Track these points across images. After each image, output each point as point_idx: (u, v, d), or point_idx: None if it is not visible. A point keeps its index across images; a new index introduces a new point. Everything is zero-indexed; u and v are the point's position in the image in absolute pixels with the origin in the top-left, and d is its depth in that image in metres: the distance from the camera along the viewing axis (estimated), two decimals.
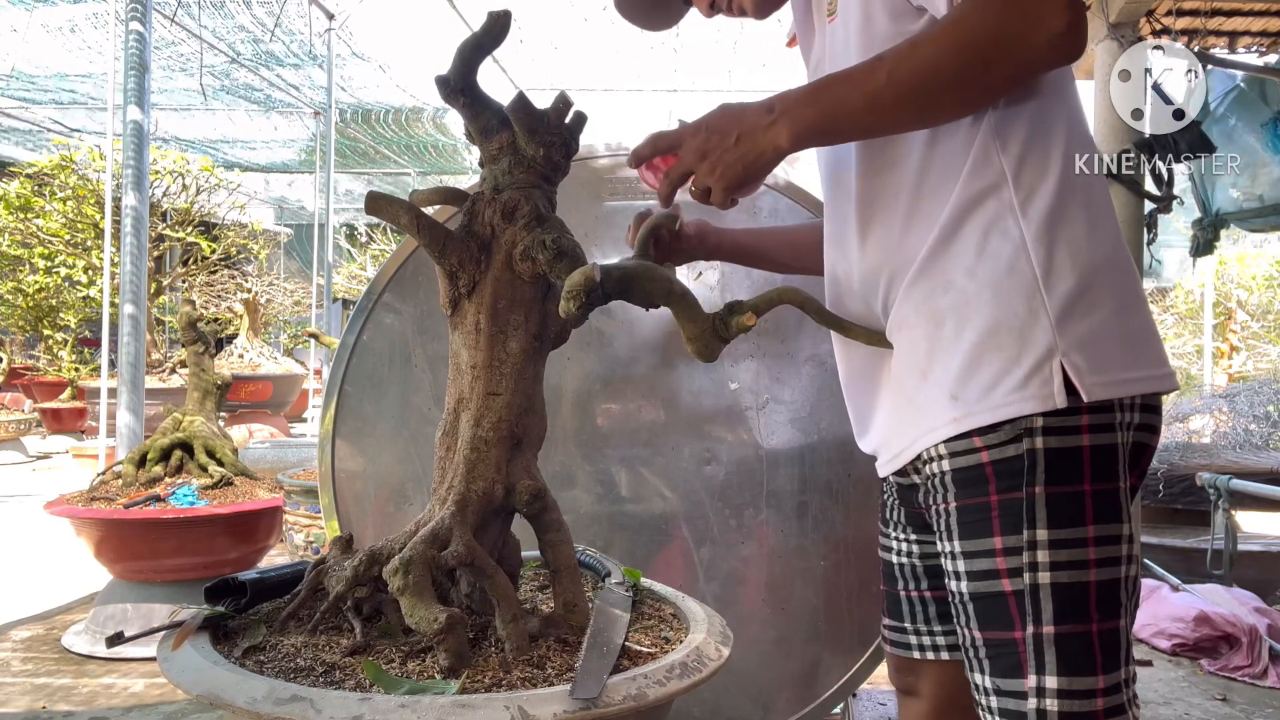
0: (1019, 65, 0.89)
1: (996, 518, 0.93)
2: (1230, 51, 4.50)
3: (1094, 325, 0.91)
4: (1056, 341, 0.90)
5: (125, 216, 3.72)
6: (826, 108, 0.95)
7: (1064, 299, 0.91)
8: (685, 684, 0.93)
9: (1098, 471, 0.91)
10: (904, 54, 0.90)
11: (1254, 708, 2.62)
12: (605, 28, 6.97)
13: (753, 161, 0.98)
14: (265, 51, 7.47)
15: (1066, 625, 0.90)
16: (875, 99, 0.92)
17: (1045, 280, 0.91)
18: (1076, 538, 0.90)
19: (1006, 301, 0.92)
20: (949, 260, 0.95)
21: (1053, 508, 0.90)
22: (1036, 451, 0.90)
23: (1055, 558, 0.90)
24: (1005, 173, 0.94)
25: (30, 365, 9.35)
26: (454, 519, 1.02)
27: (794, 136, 0.96)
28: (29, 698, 2.53)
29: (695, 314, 0.98)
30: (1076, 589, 0.90)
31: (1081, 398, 0.89)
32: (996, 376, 0.92)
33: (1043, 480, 0.90)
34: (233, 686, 0.87)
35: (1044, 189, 0.93)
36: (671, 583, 1.30)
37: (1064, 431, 0.90)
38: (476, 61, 1.06)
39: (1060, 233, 0.92)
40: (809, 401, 1.84)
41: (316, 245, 8.71)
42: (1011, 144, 0.95)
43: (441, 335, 1.88)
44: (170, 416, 3.29)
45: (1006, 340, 0.92)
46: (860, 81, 0.93)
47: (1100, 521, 0.90)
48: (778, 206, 1.87)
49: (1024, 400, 0.90)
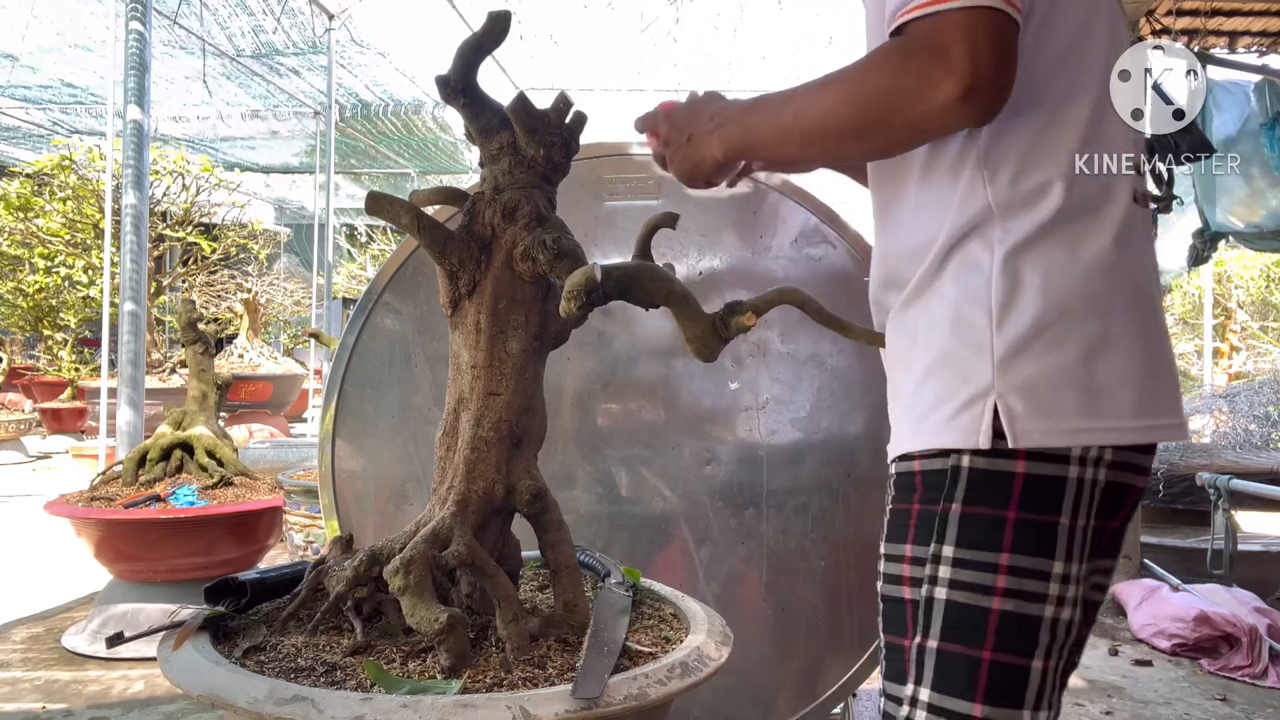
0: (914, 125, 0.85)
1: (913, 525, 0.92)
2: (1230, 51, 4.51)
3: (1046, 368, 0.86)
4: (994, 381, 0.86)
5: (125, 216, 3.72)
6: (747, 131, 0.95)
7: (1015, 338, 0.87)
8: (685, 684, 0.93)
9: (1030, 501, 0.86)
10: (812, 94, 0.89)
11: (1254, 708, 2.62)
12: (605, 28, 6.97)
13: (695, 165, 1.01)
14: (266, 43, 7.46)
15: (952, 644, 0.87)
16: (785, 134, 0.92)
17: (1000, 316, 0.87)
18: (984, 561, 0.86)
19: (958, 332, 0.90)
20: (931, 276, 0.93)
21: (965, 526, 0.87)
22: (960, 469, 0.88)
23: (956, 576, 0.87)
24: (990, 202, 0.90)
25: (30, 365, 9.35)
26: (454, 519, 1.02)
27: (724, 152, 0.97)
28: (29, 697, 2.53)
29: (695, 314, 0.98)
30: (971, 612, 0.86)
31: (1008, 442, 0.85)
32: (933, 405, 0.90)
33: (961, 497, 0.88)
34: (233, 686, 0.87)
35: (1026, 220, 0.89)
36: (671, 583, 1.30)
37: (996, 454, 0.87)
38: (476, 62, 1.06)
39: (1031, 267, 0.88)
40: (809, 401, 1.84)
41: (316, 245, 8.71)
42: (1001, 172, 0.91)
43: (441, 335, 1.88)
44: (170, 416, 3.29)
45: (948, 371, 0.90)
46: (774, 113, 0.93)
47: (1020, 551, 0.86)
48: (777, 206, 1.87)
49: (950, 433, 0.88)
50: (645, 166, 1.90)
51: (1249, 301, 11.42)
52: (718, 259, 1.88)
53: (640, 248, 1.15)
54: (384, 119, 9.62)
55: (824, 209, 1.85)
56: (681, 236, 1.85)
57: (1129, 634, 3.22)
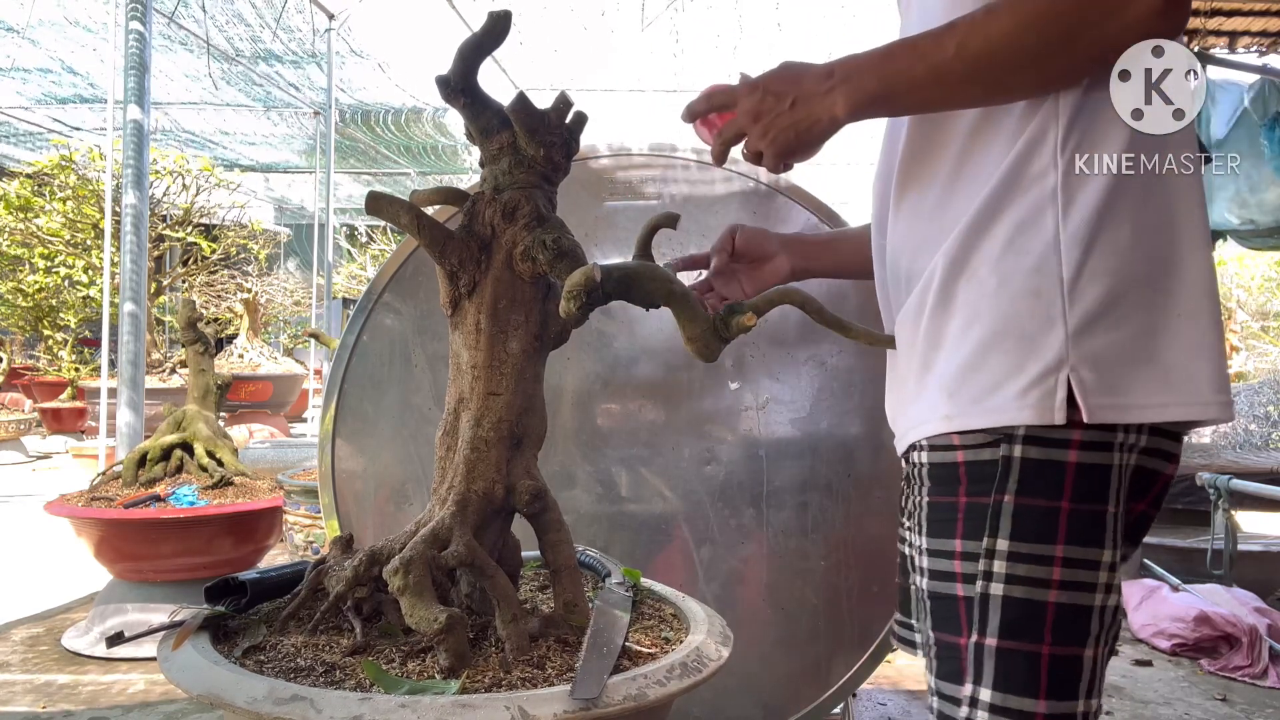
0: (1109, 41, 0.78)
1: (961, 519, 0.88)
2: (1230, 51, 4.51)
3: (1114, 342, 0.83)
4: (1068, 353, 0.83)
5: (125, 216, 3.72)
6: (888, 77, 0.87)
7: (1088, 309, 0.83)
8: (685, 684, 0.93)
9: (1081, 490, 0.84)
10: (977, 23, 0.81)
11: (1254, 708, 2.62)
12: (605, 28, 6.97)
13: (807, 129, 0.92)
14: (266, 51, 7.46)
15: (1012, 641, 0.84)
16: (942, 72, 0.83)
17: (1071, 286, 0.83)
18: (1040, 554, 0.84)
19: (1024, 303, 0.84)
20: (978, 248, 0.87)
21: (1019, 519, 0.84)
22: (1013, 459, 0.85)
23: (1012, 570, 0.84)
24: (1057, 159, 0.84)
25: (30, 365, 9.35)
26: (454, 519, 1.02)
27: (851, 105, 0.89)
28: (29, 698, 2.53)
29: (695, 314, 0.98)
30: (1030, 606, 0.84)
31: (1081, 416, 0.82)
32: (996, 381, 0.85)
33: (1014, 489, 0.85)
34: (233, 686, 0.87)
35: (1093, 183, 0.83)
36: (671, 583, 1.30)
37: (1048, 443, 0.84)
38: (477, 62, 1.06)
39: (1101, 236, 0.83)
40: (809, 401, 1.84)
41: (316, 245, 8.71)
42: (1075, 127, 0.84)
43: (441, 335, 1.88)
44: (170, 416, 3.29)
45: (1014, 344, 0.85)
46: (927, 51, 0.84)
47: (1073, 543, 0.84)
48: (778, 206, 1.87)
49: (1020, 409, 0.84)
50: (646, 166, 1.90)
51: (1249, 301, 11.42)
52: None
53: (640, 248, 1.15)
54: (384, 127, 9.64)
55: (824, 209, 1.85)
56: (682, 236, 1.85)
57: (1129, 634, 3.22)
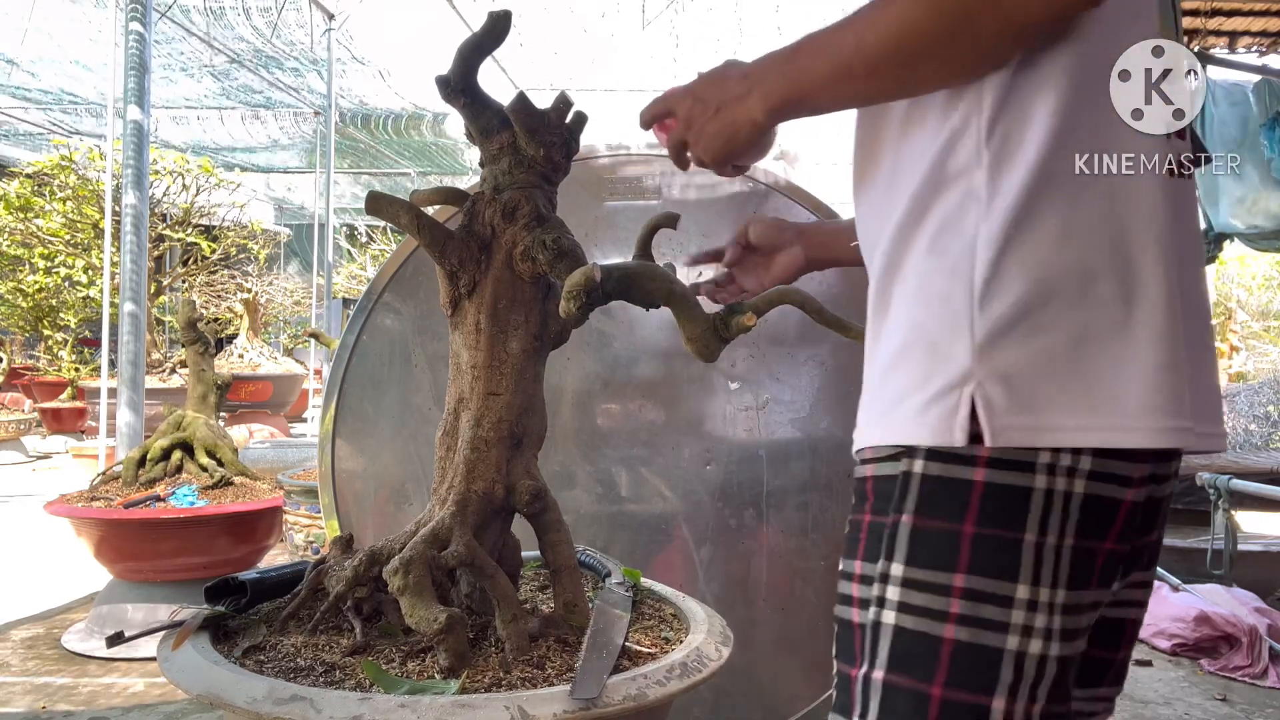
0: (1014, 21, 0.71)
1: (863, 540, 0.81)
2: (1230, 51, 4.51)
3: (1031, 354, 0.73)
4: (974, 367, 0.73)
5: (125, 216, 3.72)
6: (795, 77, 0.81)
7: (1000, 317, 0.73)
8: (685, 684, 0.93)
9: (989, 513, 0.73)
10: (874, 14, 0.75)
11: (1254, 708, 2.62)
12: (605, 31, 6.97)
13: (731, 135, 0.87)
14: (266, 56, 7.47)
15: (898, 676, 0.75)
16: (845, 69, 0.77)
17: (983, 291, 0.74)
18: (936, 583, 0.74)
19: (934, 309, 0.76)
20: (908, 249, 0.80)
21: (916, 542, 0.76)
22: (912, 475, 0.76)
23: (906, 598, 0.76)
24: (982, 151, 0.76)
25: (30, 365, 9.35)
26: (454, 519, 1.02)
27: (766, 109, 0.84)
28: (29, 698, 2.53)
29: (695, 314, 0.98)
30: (921, 640, 0.74)
31: (985, 439, 0.72)
32: (901, 394, 0.78)
33: (912, 508, 0.76)
34: (233, 686, 0.87)
35: (1018, 175, 0.75)
36: (671, 583, 1.30)
37: (951, 459, 0.75)
38: (477, 62, 1.06)
39: (1022, 234, 0.74)
40: (809, 401, 1.84)
41: (316, 245, 8.71)
42: (1000, 118, 0.76)
43: (441, 335, 1.88)
44: (170, 416, 3.29)
45: (921, 355, 0.77)
46: (828, 47, 0.79)
47: (977, 573, 0.73)
48: (777, 207, 1.87)
49: (920, 427, 0.76)
50: (646, 165, 1.90)
51: (1249, 300, 11.43)
52: None
53: (640, 248, 1.15)
54: (383, 131, 9.66)
55: (823, 208, 1.85)
56: (681, 236, 1.85)
57: None
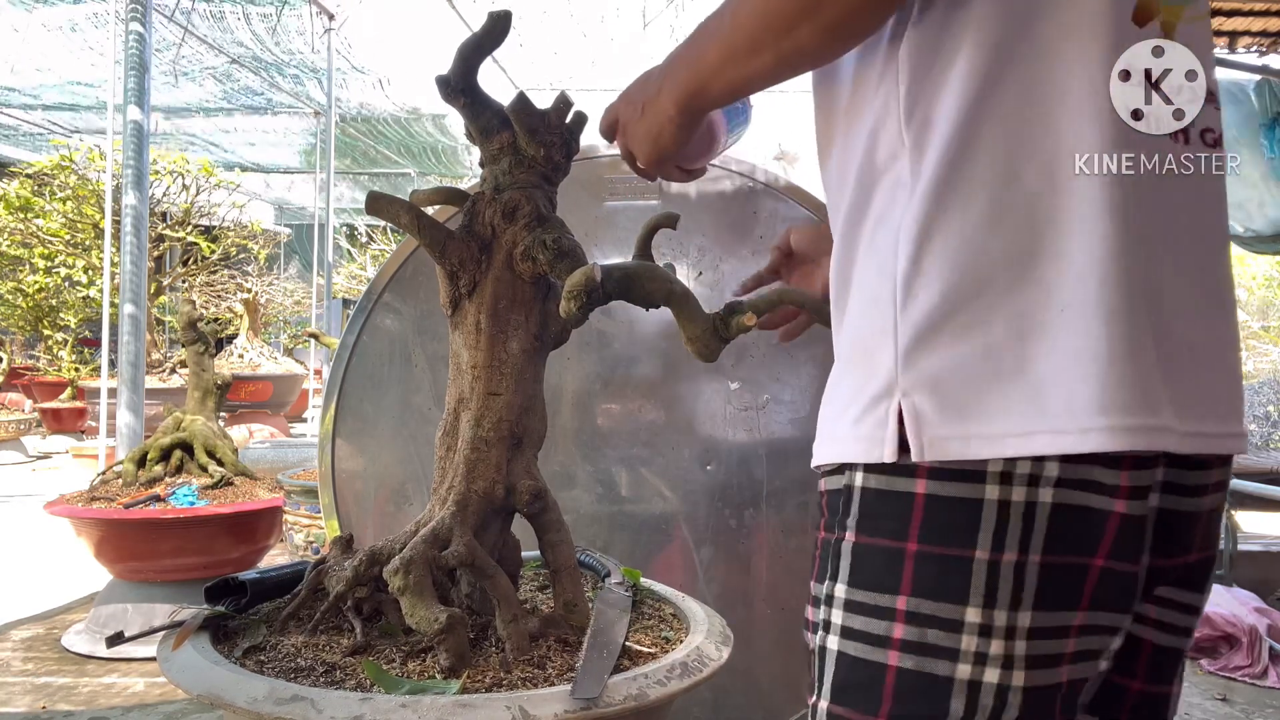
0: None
1: (817, 558, 0.76)
2: (1230, 51, 4.50)
3: (962, 355, 0.65)
4: (898, 375, 0.66)
5: (125, 216, 3.72)
6: (694, 65, 0.77)
7: (923, 316, 0.66)
8: (685, 684, 0.93)
9: (934, 528, 0.66)
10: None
11: (1254, 708, 2.62)
12: (604, 35, 6.98)
13: (657, 135, 0.83)
14: (263, 58, 7.47)
15: (843, 708, 0.69)
16: (730, 48, 0.73)
17: (905, 289, 0.66)
18: (877, 605, 0.68)
19: (867, 314, 0.71)
20: (852, 253, 0.74)
21: (858, 561, 0.70)
22: (853, 489, 0.71)
23: (848, 622, 0.70)
24: (904, 135, 0.68)
25: (30, 365, 9.35)
26: (454, 519, 1.02)
27: (676, 103, 0.80)
28: (29, 698, 2.53)
29: (695, 314, 0.98)
30: (865, 668, 0.68)
31: (911, 454, 0.66)
32: (840, 408, 0.73)
33: (854, 525, 0.70)
34: (233, 686, 0.87)
35: (934, 153, 0.66)
36: (671, 583, 1.30)
37: (891, 471, 0.68)
38: (477, 62, 1.06)
39: (942, 220, 0.65)
40: (809, 401, 1.84)
41: (316, 245, 8.71)
42: (918, 95, 0.67)
43: (441, 335, 1.88)
44: (170, 416, 3.29)
45: (858, 364, 0.71)
46: (713, 29, 0.74)
47: (921, 594, 0.66)
48: (777, 206, 1.87)
49: (853, 442, 0.70)
50: None
51: (1249, 300, 11.43)
52: (718, 259, 1.88)
53: (640, 248, 1.15)
54: (383, 131, 9.67)
55: (824, 208, 1.85)
56: (682, 236, 1.85)
57: None
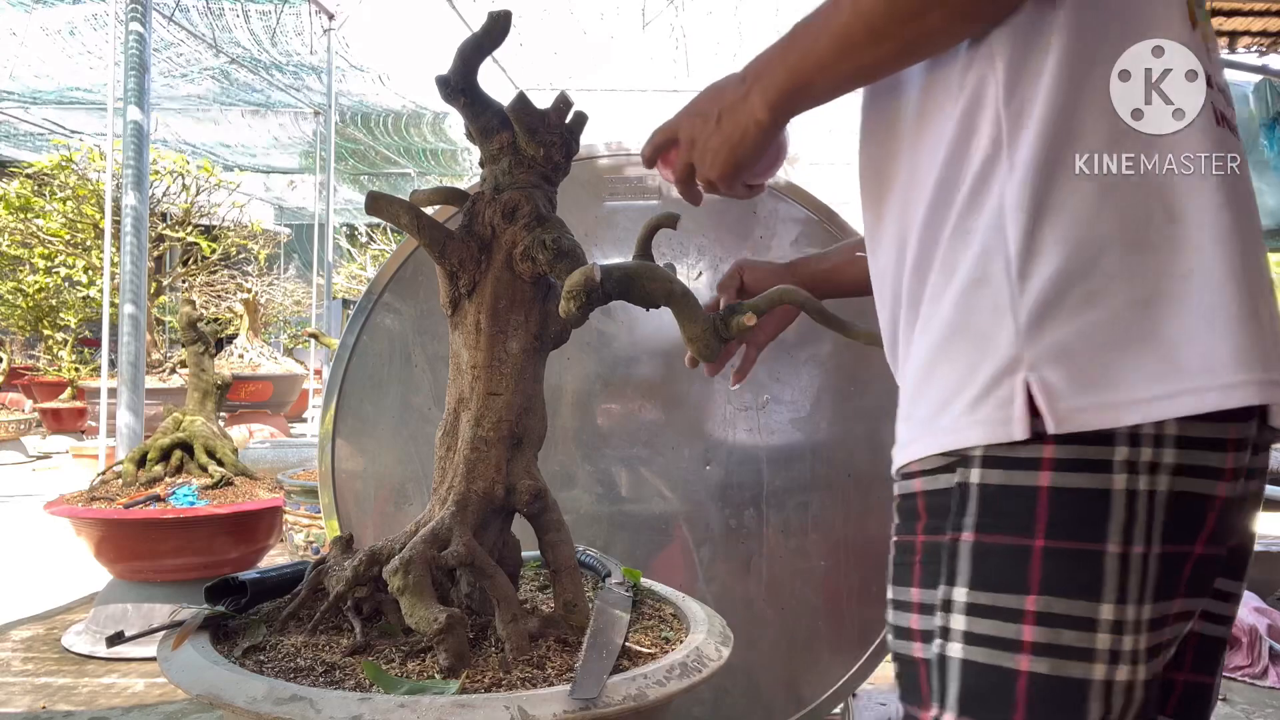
0: None
1: (919, 563, 0.72)
2: (1230, 51, 4.50)
3: (1089, 325, 0.65)
4: (1023, 350, 0.65)
5: (125, 216, 3.72)
6: (795, 64, 0.76)
7: (1045, 289, 0.65)
8: (685, 684, 0.93)
9: (1062, 523, 0.65)
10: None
11: (1254, 708, 2.62)
12: (605, 33, 6.98)
13: (738, 143, 0.81)
14: (264, 63, 7.48)
15: (972, 718, 0.67)
16: (846, 40, 0.71)
17: (1021, 264, 0.66)
18: (1004, 607, 0.66)
19: (970, 295, 0.69)
20: (935, 243, 0.73)
21: (979, 562, 0.67)
22: (969, 487, 0.68)
23: (972, 627, 0.67)
24: (1001, 119, 0.69)
25: (30, 365, 9.35)
26: (454, 519, 1.02)
27: (769, 105, 0.78)
28: (29, 698, 2.53)
29: (695, 314, 0.98)
30: (995, 675, 0.66)
31: (1048, 427, 0.64)
32: (946, 394, 0.70)
33: (973, 524, 0.68)
34: (233, 686, 0.87)
35: (1036, 131, 0.68)
36: (671, 583, 1.30)
37: (1012, 464, 0.66)
38: (477, 61, 1.06)
39: (1054, 193, 0.66)
40: (809, 401, 1.84)
41: (316, 245, 8.71)
42: (1019, 75, 0.69)
43: (441, 335, 1.88)
44: (170, 416, 3.29)
45: (964, 348, 0.69)
46: (824, 23, 0.72)
47: (1052, 593, 0.64)
48: (777, 206, 1.87)
49: (971, 426, 0.67)
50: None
51: None
52: (718, 259, 1.88)
53: (640, 248, 1.15)
54: (383, 131, 9.67)
55: (824, 209, 1.85)
56: (682, 236, 1.85)
57: None
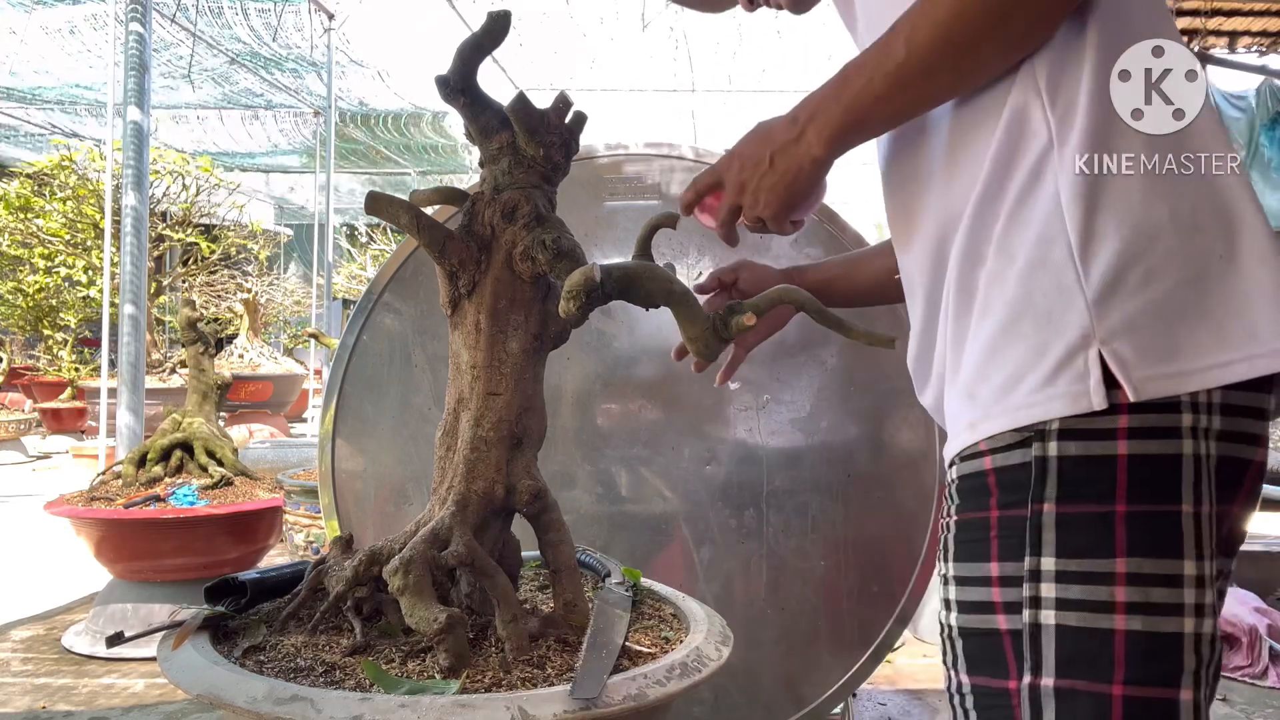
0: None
1: (995, 538, 0.75)
2: (1230, 51, 4.51)
3: (1152, 300, 0.70)
4: (1094, 326, 0.70)
5: (125, 216, 3.72)
6: (850, 102, 0.81)
7: (1106, 269, 0.71)
8: (685, 684, 0.93)
9: (1141, 487, 0.70)
10: (919, 12, 0.76)
11: (1254, 708, 2.62)
12: (604, 35, 6.98)
13: (791, 182, 0.88)
14: (264, 60, 7.47)
15: (1072, 680, 0.70)
16: (901, 76, 0.78)
17: (1082, 247, 0.72)
18: (1095, 571, 0.70)
19: (1033, 278, 0.74)
20: (986, 234, 0.78)
21: (1064, 531, 0.71)
22: (1048, 460, 0.72)
23: (1064, 594, 0.71)
24: (1049, 118, 0.75)
25: (30, 365, 9.35)
26: (454, 519, 1.02)
27: (826, 142, 0.84)
28: (29, 698, 2.53)
29: (695, 314, 0.98)
30: (1090, 637, 0.69)
31: (1126, 396, 0.69)
32: (1017, 372, 0.74)
33: (1054, 495, 0.72)
34: (233, 686, 0.87)
35: (1085, 129, 0.74)
36: (671, 583, 1.30)
37: (1089, 435, 0.71)
38: (476, 61, 1.06)
39: (1107, 183, 0.73)
40: (809, 401, 1.84)
41: (316, 245, 8.71)
42: (1061, 76, 0.76)
43: (441, 335, 1.88)
44: (170, 417, 3.29)
45: (1031, 328, 0.73)
46: (879, 61, 0.79)
47: (1138, 554, 0.69)
48: None
49: (1049, 401, 0.72)
50: (645, 165, 1.90)
51: None
52: (718, 259, 1.88)
53: (640, 248, 1.15)
54: (383, 131, 9.67)
55: (824, 209, 1.85)
56: (682, 236, 1.85)
57: None
